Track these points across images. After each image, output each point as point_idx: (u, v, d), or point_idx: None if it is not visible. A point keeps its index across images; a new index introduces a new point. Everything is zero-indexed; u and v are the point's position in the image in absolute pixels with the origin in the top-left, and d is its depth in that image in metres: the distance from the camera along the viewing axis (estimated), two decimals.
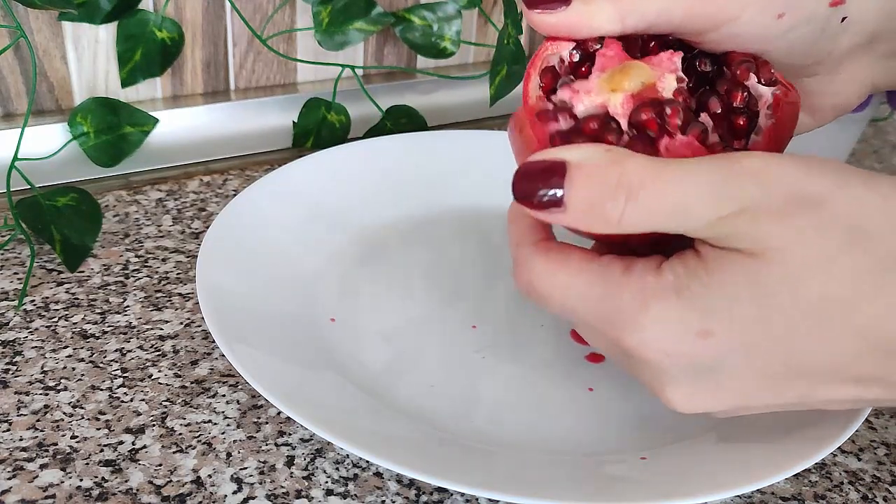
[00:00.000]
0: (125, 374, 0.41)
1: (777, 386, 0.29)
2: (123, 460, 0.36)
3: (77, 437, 0.38)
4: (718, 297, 0.28)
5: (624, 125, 0.30)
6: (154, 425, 0.39)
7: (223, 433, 0.38)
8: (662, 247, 0.30)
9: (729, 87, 0.32)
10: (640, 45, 0.33)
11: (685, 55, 0.33)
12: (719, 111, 0.32)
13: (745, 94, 0.32)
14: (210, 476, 0.36)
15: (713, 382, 0.29)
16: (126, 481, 0.35)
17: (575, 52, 0.32)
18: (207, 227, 0.53)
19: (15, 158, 0.52)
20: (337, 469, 0.37)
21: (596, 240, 0.33)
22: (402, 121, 0.68)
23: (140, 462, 0.36)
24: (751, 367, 0.29)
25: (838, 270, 0.27)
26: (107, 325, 0.45)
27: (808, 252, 0.27)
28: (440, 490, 0.36)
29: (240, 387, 0.41)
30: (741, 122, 0.32)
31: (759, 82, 0.32)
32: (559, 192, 0.28)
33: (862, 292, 0.27)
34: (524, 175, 0.28)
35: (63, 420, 0.38)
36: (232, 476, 0.36)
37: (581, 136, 0.30)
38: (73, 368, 0.42)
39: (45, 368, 0.41)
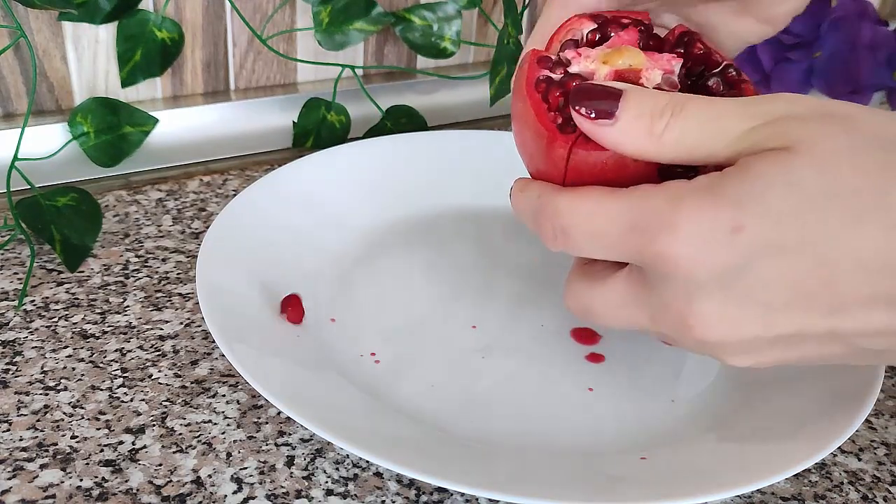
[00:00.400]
0: (125, 374, 0.41)
1: (808, 302, 0.28)
2: (123, 460, 0.37)
3: (77, 437, 0.38)
4: (751, 188, 0.27)
5: None
6: (154, 425, 0.39)
7: (223, 433, 0.38)
8: None
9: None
10: (656, 42, 0.36)
11: (692, 70, 0.35)
12: None
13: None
14: (210, 476, 0.36)
15: (744, 291, 0.28)
16: (126, 481, 0.35)
17: (596, 31, 0.36)
18: (207, 227, 0.53)
19: (15, 158, 0.52)
20: (337, 469, 0.37)
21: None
22: (402, 121, 0.68)
23: (140, 462, 0.36)
24: (781, 272, 0.28)
25: (870, 162, 0.27)
26: (107, 325, 0.45)
27: (838, 145, 0.27)
28: (440, 490, 0.36)
29: (240, 387, 0.41)
30: None
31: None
32: (613, 108, 0.30)
33: (894, 185, 0.27)
34: (583, 90, 0.31)
35: (63, 420, 0.38)
36: (232, 476, 0.36)
37: (560, 88, 0.33)
38: (73, 368, 0.42)
39: (45, 368, 0.41)
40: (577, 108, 0.31)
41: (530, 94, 0.34)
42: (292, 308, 0.43)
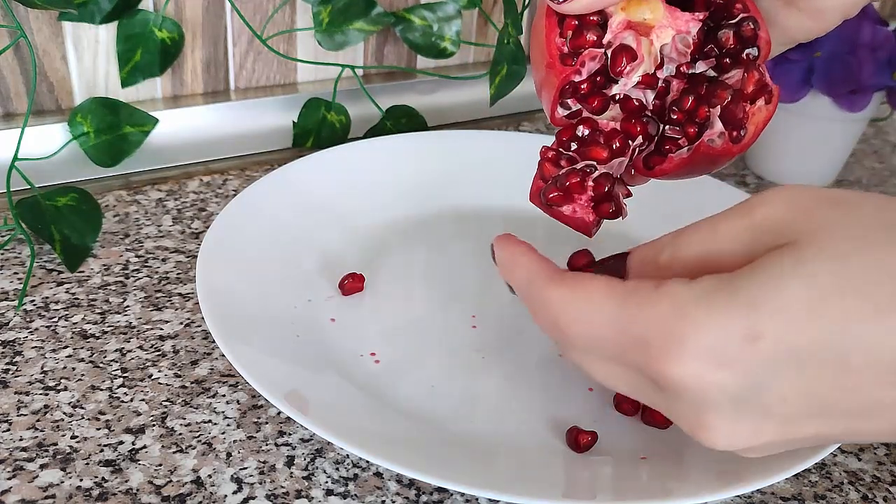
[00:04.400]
0: (125, 374, 0.41)
1: (829, 411, 0.27)
2: (123, 460, 0.36)
3: (77, 437, 0.38)
4: (764, 287, 0.26)
5: (608, 37, 0.34)
6: (154, 425, 0.39)
7: (223, 433, 0.38)
8: None
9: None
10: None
11: (711, 29, 0.34)
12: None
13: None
14: (210, 476, 0.36)
15: (759, 407, 0.27)
16: (126, 481, 0.35)
17: None
18: (207, 227, 0.53)
19: (15, 158, 0.52)
20: (337, 469, 0.37)
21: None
22: (402, 121, 0.68)
23: (140, 462, 0.36)
24: (801, 385, 0.26)
25: (881, 249, 0.26)
26: (107, 325, 0.45)
27: (847, 233, 0.26)
28: (440, 490, 0.36)
29: (240, 387, 0.41)
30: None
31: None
32: (622, 267, 0.32)
33: None
34: (599, 263, 0.32)
35: (63, 420, 0.38)
36: (232, 476, 0.36)
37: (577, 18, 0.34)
38: (73, 368, 0.42)
39: (45, 368, 0.41)
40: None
41: (549, 12, 0.34)
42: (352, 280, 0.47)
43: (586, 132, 0.34)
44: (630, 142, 0.34)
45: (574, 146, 0.34)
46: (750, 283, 0.26)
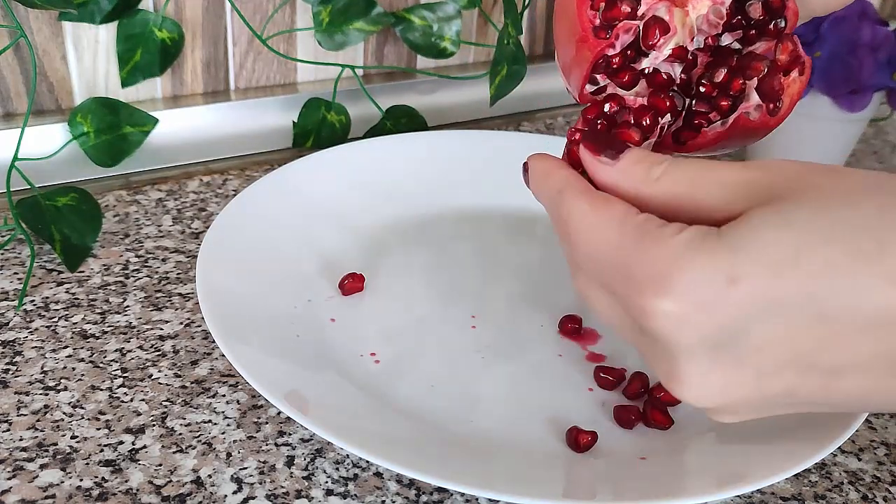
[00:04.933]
0: (125, 374, 0.41)
1: (804, 364, 0.27)
2: (123, 460, 0.36)
3: (77, 437, 0.38)
4: (747, 235, 0.26)
5: (642, 9, 0.33)
6: (154, 425, 0.39)
7: (223, 433, 0.38)
8: None
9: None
10: None
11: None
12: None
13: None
14: (210, 476, 0.36)
15: (733, 355, 0.27)
16: (126, 481, 0.35)
17: None
18: (207, 227, 0.53)
19: (15, 158, 0.52)
20: (337, 469, 0.37)
21: None
22: (402, 121, 0.68)
23: (140, 462, 0.36)
24: (777, 334, 0.26)
25: (865, 203, 0.26)
26: (107, 325, 0.45)
27: (833, 189, 0.27)
28: (440, 490, 0.36)
29: (240, 387, 0.41)
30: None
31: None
32: (617, 153, 0.31)
33: (892, 232, 0.25)
34: (594, 136, 0.32)
35: (63, 420, 0.38)
36: (232, 476, 0.36)
37: None
38: (73, 368, 0.42)
39: (45, 368, 0.41)
40: (584, 146, 0.31)
41: None
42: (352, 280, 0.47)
43: (615, 108, 0.34)
44: (659, 119, 0.33)
45: (601, 123, 0.34)
46: (735, 231, 0.27)
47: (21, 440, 0.37)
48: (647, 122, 0.33)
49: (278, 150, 0.66)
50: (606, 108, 0.34)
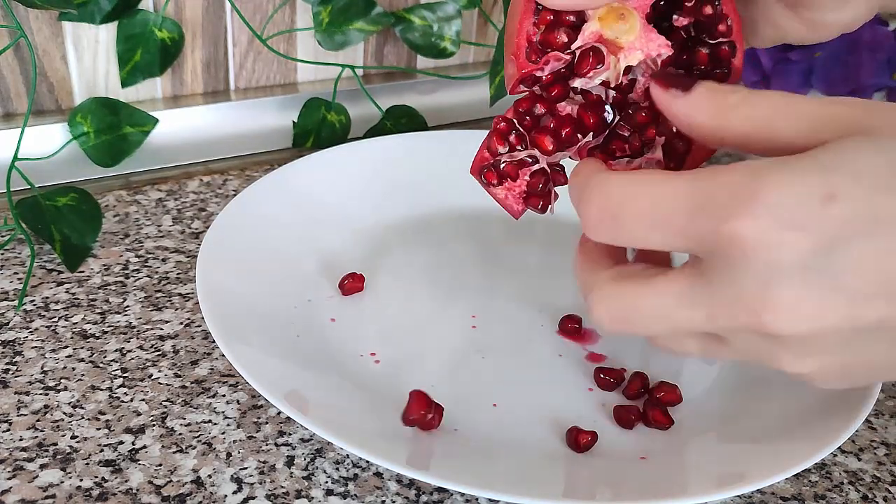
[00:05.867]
0: (125, 374, 0.41)
1: (892, 288, 0.26)
2: (123, 460, 0.36)
3: (77, 437, 0.38)
4: (841, 155, 0.25)
5: (578, 41, 0.33)
6: (154, 425, 0.39)
7: (223, 433, 0.38)
8: None
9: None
10: (661, 21, 0.34)
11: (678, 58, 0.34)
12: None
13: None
14: (210, 476, 0.36)
15: (829, 277, 0.26)
16: (126, 481, 0.35)
17: None
18: (207, 227, 0.53)
19: (15, 158, 0.52)
20: (337, 469, 0.37)
21: None
22: (402, 121, 0.68)
23: (140, 462, 0.36)
24: (874, 253, 0.25)
25: None
26: (107, 325, 0.45)
27: None
28: (440, 490, 0.36)
29: (240, 387, 0.41)
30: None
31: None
32: (689, 85, 0.29)
33: None
34: (665, 74, 0.30)
35: (63, 420, 0.38)
36: (232, 476, 0.36)
37: (546, 11, 0.33)
38: (73, 368, 0.42)
39: (45, 368, 0.41)
40: (655, 82, 0.30)
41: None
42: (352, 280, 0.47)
43: (542, 110, 0.34)
44: (580, 135, 0.34)
45: (527, 120, 0.34)
46: (828, 153, 0.25)
47: (21, 440, 0.37)
48: (566, 133, 0.34)
49: (278, 150, 0.66)
50: (536, 108, 0.34)
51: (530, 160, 0.35)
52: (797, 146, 0.26)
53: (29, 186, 0.53)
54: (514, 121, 0.35)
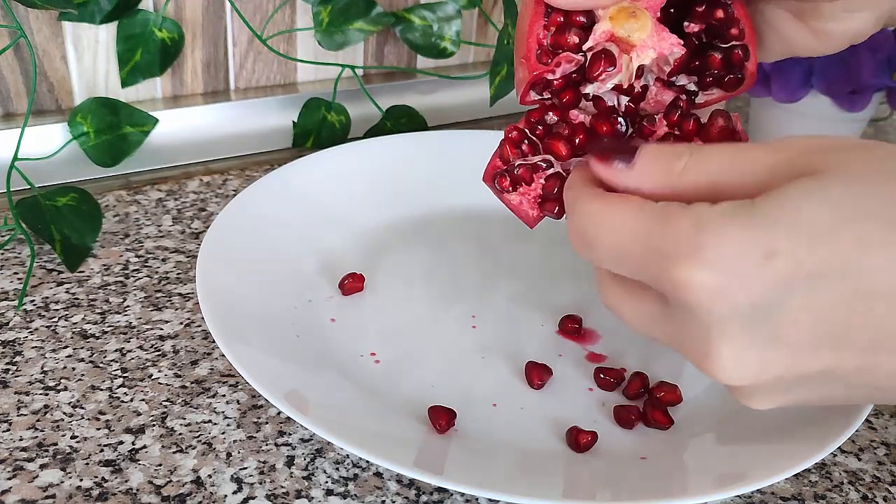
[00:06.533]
0: (125, 374, 0.41)
1: (841, 340, 0.26)
2: (123, 460, 0.36)
3: (77, 437, 0.38)
4: (783, 208, 0.25)
5: (590, 42, 0.33)
6: (154, 425, 0.39)
7: (223, 433, 0.38)
8: None
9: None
10: (671, 21, 0.34)
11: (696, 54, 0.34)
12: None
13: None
14: (210, 476, 0.36)
15: (770, 332, 0.26)
16: (126, 481, 0.35)
17: None
18: (207, 227, 0.53)
19: (15, 158, 0.52)
20: (337, 469, 0.37)
21: None
22: (402, 121, 0.68)
23: (140, 462, 0.36)
24: (814, 308, 0.26)
25: None
26: (107, 325, 0.45)
27: (868, 166, 0.26)
28: (440, 490, 0.36)
29: (240, 387, 0.41)
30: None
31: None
32: (631, 157, 0.29)
33: None
34: (602, 149, 0.30)
35: (63, 420, 0.38)
36: (232, 476, 0.36)
37: (556, 13, 0.33)
38: (73, 368, 0.42)
39: (45, 368, 0.41)
40: (594, 159, 0.30)
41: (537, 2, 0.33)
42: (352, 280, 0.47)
43: (555, 119, 0.34)
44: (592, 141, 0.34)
45: (539, 129, 0.34)
46: (771, 204, 0.26)
47: (21, 440, 0.37)
48: (580, 140, 0.34)
49: (278, 150, 0.66)
50: (548, 117, 0.34)
51: (545, 164, 0.34)
52: (752, 194, 0.27)
53: (29, 186, 0.53)
54: (526, 130, 0.35)
